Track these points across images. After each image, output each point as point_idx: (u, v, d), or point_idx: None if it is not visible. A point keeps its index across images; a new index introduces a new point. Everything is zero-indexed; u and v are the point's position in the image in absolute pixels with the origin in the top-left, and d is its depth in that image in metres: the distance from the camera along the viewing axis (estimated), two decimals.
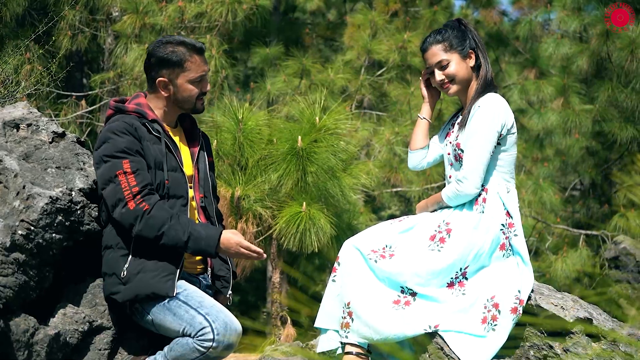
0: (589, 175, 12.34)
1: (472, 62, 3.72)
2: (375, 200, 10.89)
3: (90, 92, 9.76)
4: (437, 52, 3.70)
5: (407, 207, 16.30)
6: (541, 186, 10.79)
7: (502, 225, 3.59)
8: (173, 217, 3.34)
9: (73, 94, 9.71)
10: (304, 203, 5.33)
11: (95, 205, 3.47)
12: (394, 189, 10.78)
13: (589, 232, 11.00)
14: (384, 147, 10.02)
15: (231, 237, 3.40)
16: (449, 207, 3.68)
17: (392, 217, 18.70)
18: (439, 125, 10.61)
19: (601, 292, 11.02)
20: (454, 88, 3.72)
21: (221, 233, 3.40)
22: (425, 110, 3.98)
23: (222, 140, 5.54)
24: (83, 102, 9.50)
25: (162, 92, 3.53)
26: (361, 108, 10.98)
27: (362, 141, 9.85)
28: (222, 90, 9.05)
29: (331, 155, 5.49)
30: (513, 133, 3.65)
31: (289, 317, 5.65)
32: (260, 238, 5.64)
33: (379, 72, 10.79)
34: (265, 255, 3.51)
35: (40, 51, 8.35)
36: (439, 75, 3.71)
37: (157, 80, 3.51)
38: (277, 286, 5.73)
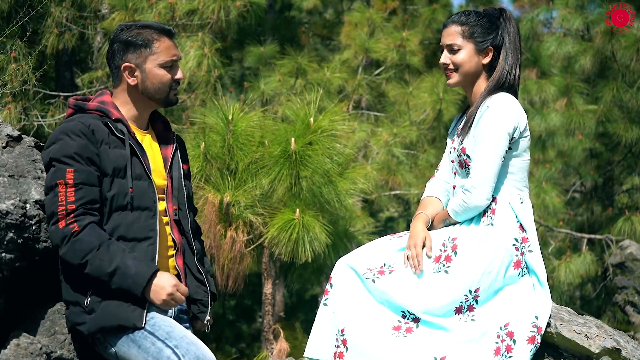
0: (591, 178, 12.12)
1: (486, 60, 3.36)
2: (374, 204, 10.62)
3: (78, 92, 9.47)
4: (454, 33, 3.34)
5: (406, 209, 16.03)
6: (543, 189, 10.54)
7: (515, 239, 3.22)
8: (102, 245, 2.94)
9: (61, 94, 9.43)
10: (297, 210, 5.03)
11: None
12: (392, 192, 10.51)
13: (592, 236, 10.76)
14: (382, 148, 9.76)
15: (165, 284, 2.99)
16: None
17: (390, 219, 18.45)
18: (438, 127, 10.40)
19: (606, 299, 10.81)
20: (454, 78, 3.37)
21: (154, 274, 2.99)
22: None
23: (210, 142, 5.24)
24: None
25: (129, 81, 3.14)
26: (358, 108, 10.73)
27: (359, 143, 9.59)
28: (214, 90, 8.77)
29: (327, 158, 5.20)
30: (526, 136, 3.31)
31: (282, 331, 5.35)
32: (251, 247, 5.34)
33: (377, 72, 10.56)
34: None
35: (26, 50, 8.07)
36: (445, 57, 3.36)
37: (122, 67, 3.14)
38: (269, 298, 5.43)
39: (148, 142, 3.23)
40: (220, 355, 15.11)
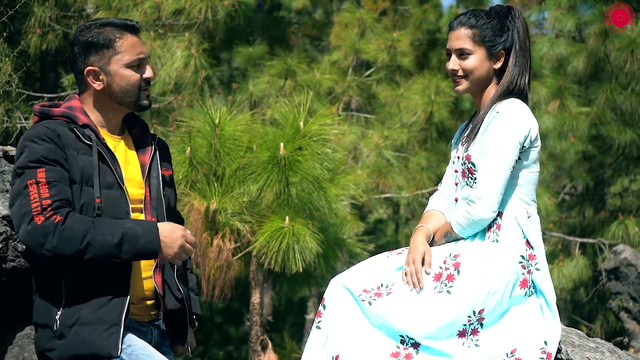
0: (583, 180, 12.01)
1: (498, 64, 3.14)
2: (363, 207, 10.48)
3: (62, 94, 9.28)
4: (463, 37, 3.10)
5: (396, 212, 15.89)
6: (537, 192, 10.39)
7: (522, 257, 3.00)
8: (96, 223, 2.69)
9: (45, 95, 9.24)
10: (287, 217, 4.86)
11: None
12: (383, 195, 10.37)
13: (585, 240, 10.64)
14: (372, 151, 9.61)
15: (173, 235, 2.78)
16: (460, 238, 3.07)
17: (379, 221, 18.31)
18: (429, 129, 10.28)
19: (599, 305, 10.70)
20: (464, 85, 3.14)
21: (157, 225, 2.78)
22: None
23: (196, 147, 5.06)
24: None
25: (94, 85, 2.89)
26: (348, 110, 10.59)
27: (349, 145, 9.44)
28: (202, 91, 8.60)
29: (317, 163, 5.03)
30: (537, 146, 3.09)
31: (270, 342, 5.18)
32: (239, 255, 5.16)
33: (367, 73, 10.42)
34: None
35: (9, 50, 7.88)
36: (453, 63, 3.11)
37: (85, 71, 2.90)
38: (257, 308, 5.25)
39: (122, 149, 2.96)
40: (207, 359, 14.95)
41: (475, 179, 3.07)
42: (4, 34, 7.07)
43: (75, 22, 9.11)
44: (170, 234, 2.80)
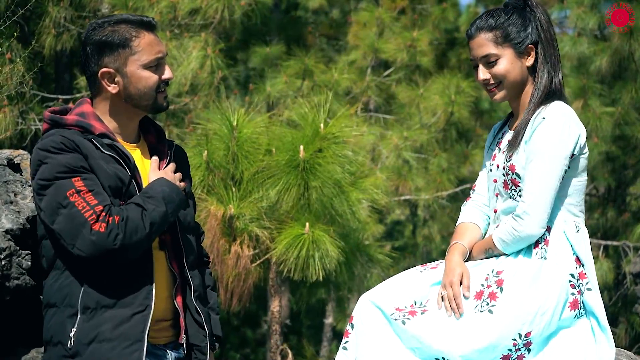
0: (605, 181, 11.80)
1: (529, 62, 2.90)
2: (383, 212, 10.33)
3: (77, 95, 9.19)
4: (485, 43, 2.84)
5: (413, 212, 15.72)
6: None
7: (572, 275, 2.77)
8: (140, 205, 2.62)
9: (60, 96, 9.15)
10: (307, 224, 4.70)
11: (27, 252, 2.65)
12: (402, 197, 10.22)
13: (609, 242, 10.44)
14: (391, 152, 9.46)
15: (163, 174, 2.74)
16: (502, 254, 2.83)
17: (397, 223, 18.13)
18: (450, 130, 10.12)
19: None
20: (500, 94, 2.89)
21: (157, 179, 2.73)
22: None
23: (213, 150, 4.91)
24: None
25: (109, 89, 2.69)
26: (367, 111, 10.44)
27: (368, 146, 9.30)
28: (218, 92, 8.48)
29: (338, 167, 4.87)
30: (585, 153, 2.85)
31: (289, 352, 5.03)
32: (257, 262, 5.01)
33: (386, 73, 10.27)
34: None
35: (23, 51, 7.79)
36: (483, 73, 2.86)
37: (99, 73, 2.71)
38: (277, 316, 5.09)
39: (139, 158, 2.77)
40: None
41: (520, 191, 2.83)
42: (15, 33, 6.97)
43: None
44: (166, 174, 2.75)
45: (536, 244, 2.81)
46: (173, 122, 8.50)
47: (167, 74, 2.74)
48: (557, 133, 2.77)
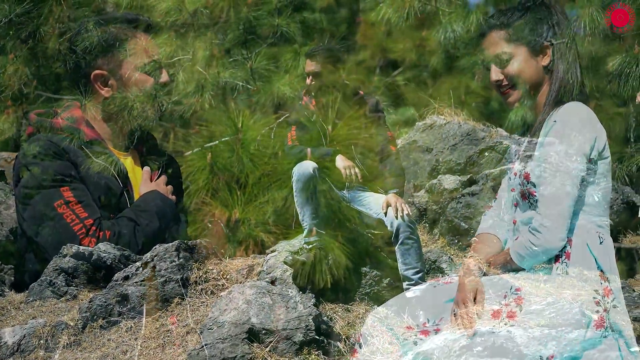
0: (617, 182, 11.68)
1: (545, 61, 2.77)
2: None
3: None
4: (498, 41, 2.74)
5: (423, 214, 15.62)
6: None
7: (596, 292, 2.63)
8: (133, 219, 2.47)
9: (63, 97, 9.07)
10: (314, 229, 4.60)
11: (9, 266, 2.57)
12: (410, 199, 10.12)
13: (621, 245, 10.29)
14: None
15: (155, 186, 2.71)
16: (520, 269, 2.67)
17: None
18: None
19: None
20: (515, 95, 2.76)
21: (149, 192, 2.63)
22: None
23: (217, 152, 4.82)
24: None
25: (102, 92, 2.59)
26: (376, 111, 10.38)
27: (375, 147, 9.22)
28: (223, 93, 8.38)
29: None
30: (606, 157, 2.74)
31: None
32: None
33: (395, 73, 10.20)
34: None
35: (27, 50, 7.70)
36: (496, 73, 2.74)
37: (92, 76, 2.58)
38: None
39: (130, 167, 2.67)
40: None
41: (537, 201, 2.69)
42: (19, 33, 6.90)
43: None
44: (159, 187, 2.73)
45: (557, 258, 2.68)
46: (177, 123, 8.41)
47: (163, 77, 2.60)
48: (569, 137, 2.62)
